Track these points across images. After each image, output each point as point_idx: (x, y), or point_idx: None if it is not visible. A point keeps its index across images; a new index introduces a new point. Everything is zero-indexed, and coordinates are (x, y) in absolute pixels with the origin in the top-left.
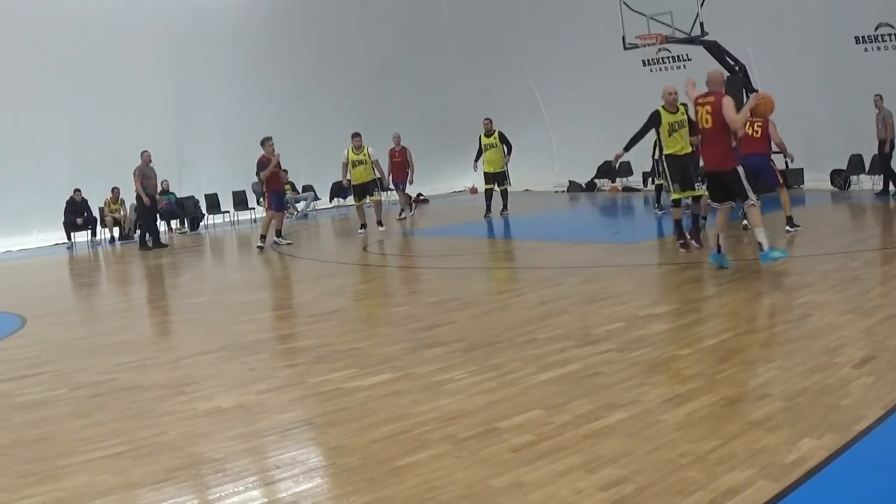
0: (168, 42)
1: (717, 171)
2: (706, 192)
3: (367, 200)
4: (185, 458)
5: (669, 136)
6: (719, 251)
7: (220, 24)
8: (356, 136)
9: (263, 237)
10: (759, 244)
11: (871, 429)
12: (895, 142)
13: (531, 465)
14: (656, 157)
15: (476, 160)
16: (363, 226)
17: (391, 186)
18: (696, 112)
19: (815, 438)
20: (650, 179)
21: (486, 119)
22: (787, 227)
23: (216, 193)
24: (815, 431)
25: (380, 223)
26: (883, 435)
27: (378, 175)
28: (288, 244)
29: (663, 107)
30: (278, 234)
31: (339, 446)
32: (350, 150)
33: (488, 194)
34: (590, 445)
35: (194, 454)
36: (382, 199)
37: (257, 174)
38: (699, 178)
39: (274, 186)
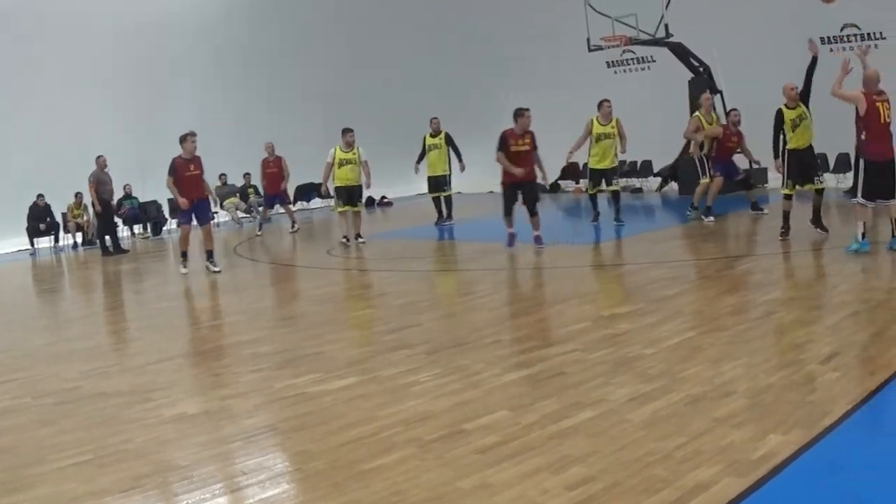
0: (132, 46)
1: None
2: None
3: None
4: (152, 465)
5: (793, 130)
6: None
7: (183, 27)
8: (348, 131)
9: (184, 255)
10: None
11: (837, 424)
12: None
13: (497, 466)
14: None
15: (418, 162)
16: (347, 238)
17: (289, 200)
18: (877, 106)
19: (782, 434)
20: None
21: (434, 118)
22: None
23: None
24: (782, 427)
25: (359, 236)
26: (850, 430)
27: (366, 180)
28: (216, 271)
29: (785, 104)
30: (209, 255)
31: (304, 451)
32: (338, 147)
33: (436, 201)
34: (556, 445)
35: (161, 461)
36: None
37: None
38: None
39: (195, 194)
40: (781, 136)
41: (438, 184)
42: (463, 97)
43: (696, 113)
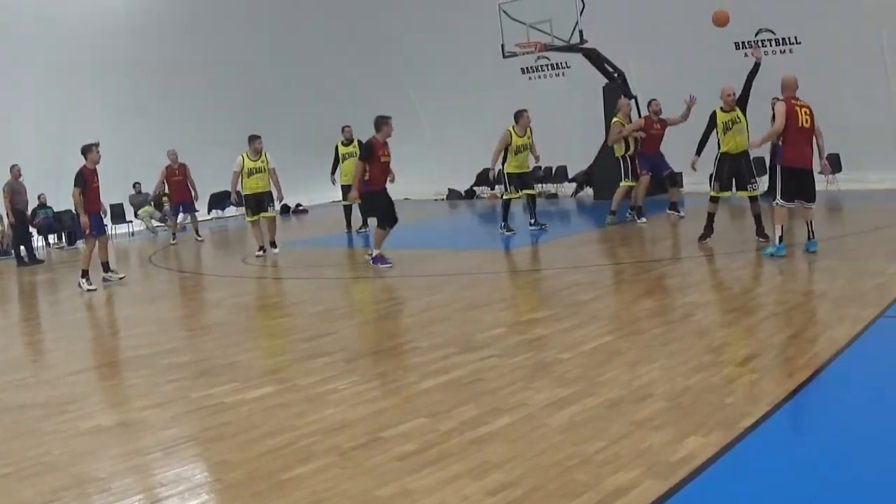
0: (44, 53)
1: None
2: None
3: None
4: (70, 478)
5: (725, 133)
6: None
7: (95, 33)
8: (255, 138)
9: (85, 273)
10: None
11: (757, 425)
12: None
13: (417, 473)
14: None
15: (333, 172)
16: (262, 248)
17: (196, 209)
18: (795, 110)
19: (701, 436)
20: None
21: (347, 126)
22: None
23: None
24: (701, 429)
25: (273, 244)
26: (769, 431)
27: (275, 187)
28: (120, 278)
29: (721, 107)
30: (105, 266)
31: (223, 461)
32: (246, 155)
33: (348, 210)
34: (475, 451)
35: (79, 474)
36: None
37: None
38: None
39: (94, 206)
40: (714, 138)
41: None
42: (376, 104)
43: (616, 118)
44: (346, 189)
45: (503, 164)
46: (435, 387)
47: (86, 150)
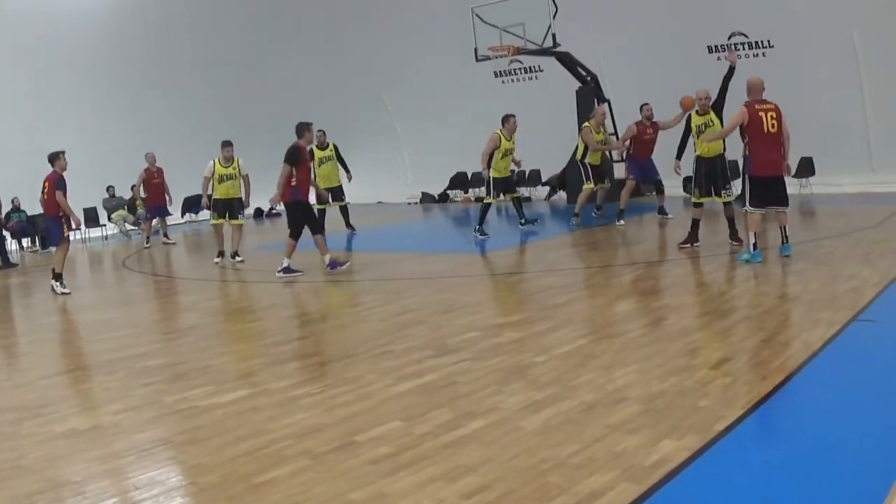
0: (21, 56)
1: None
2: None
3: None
4: (45, 481)
5: (697, 137)
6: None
7: (71, 37)
8: (227, 145)
9: (59, 276)
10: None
11: (731, 428)
12: None
13: (391, 476)
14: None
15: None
16: (220, 253)
17: (170, 213)
18: (759, 116)
19: (676, 440)
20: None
21: (320, 130)
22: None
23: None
24: (675, 433)
25: (236, 254)
26: (743, 434)
27: (244, 193)
28: (64, 293)
29: (696, 111)
30: (56, 275)
31: (197, 465)
32: (217, 161)
33: (322, 213)
34: (450, 455)
35: (53, 478)
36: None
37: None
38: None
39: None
40: (688, 142)
41: (335, 195)
42: (349, 108)
43: (587, 124)
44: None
45: (488, 168)
46: (409, 390)
47: (54, 158)
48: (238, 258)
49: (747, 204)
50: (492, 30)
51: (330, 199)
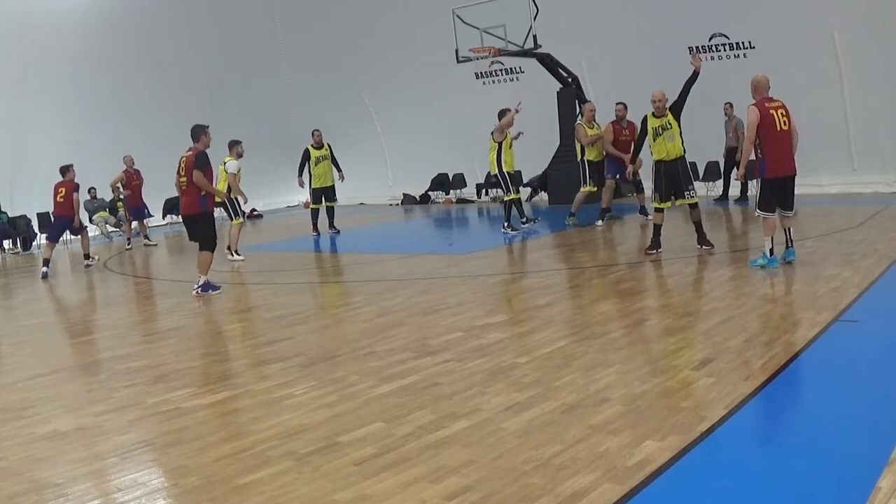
0: (3, 55)
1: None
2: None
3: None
4: (27, 483)
5: (654, 139)
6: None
7: (53, 40)
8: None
9: (46, 262)
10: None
11: (713, 429)
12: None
13: (374, 477)
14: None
15: (300, 174)
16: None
17: (150, 214)
18: (770, 114)
19: (658, 440)
20: (484, 191)
21: (316, 130)
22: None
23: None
24: (658, 433)
25: (235, 251)
26: (726, 435)
27: (234, 194)
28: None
29: (652, 112)
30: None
31: (180, 466)
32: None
33: (316, 212)
34: (432, 455)
35: (35, 479)
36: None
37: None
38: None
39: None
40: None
41: (328, 194)
42: (330, 109)
43: (578, 121)
44: (319, 192)
45: (499, 165)
46: (392, 391)
47: (66, 170)
48: (238, 256)
49: (759, 208)
50: (473, 31)
51: (323, 199)
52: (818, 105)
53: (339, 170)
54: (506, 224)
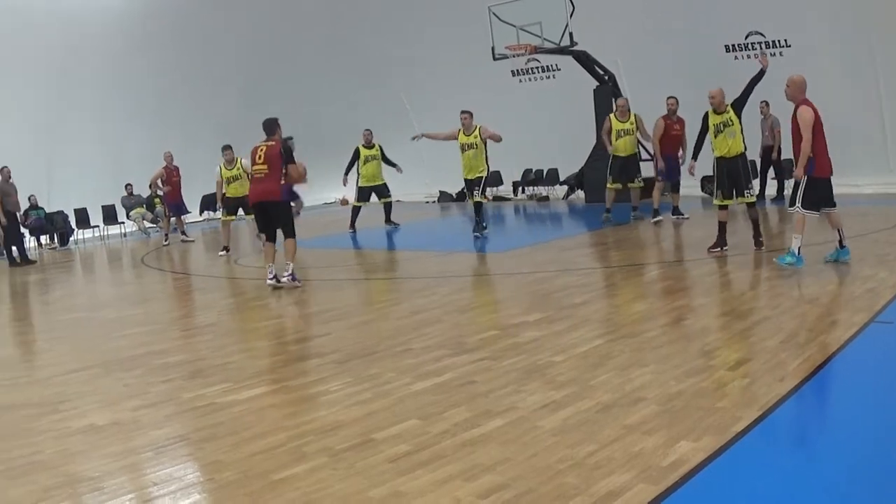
0: (38, 53)
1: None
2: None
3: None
4: (62, 477)
5: (715, 137)
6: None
7: (92, 37)
8: (227, 149)
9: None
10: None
11: (748, 430)
12: (782, 148)
13: (409, 474)
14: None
15: (347, 173)
16: (226, 248)
17: (188, 210)
18: (818, 115)
19: (693, 441)
20: (520, 188)
21: (367, 130)
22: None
23: (85, 208)
24: (693, 434)
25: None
26: (760, 436)
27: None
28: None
29: (713, 109)
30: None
31: (216, 461)
32: (222, 166)
33: (357, 210)
34: (467, 453)
35: (71, 473)
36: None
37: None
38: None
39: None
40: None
41: (380, 192)
42: (368, 108)
43: (610, 114)
44: (367, 190)
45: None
46: (427, 389)
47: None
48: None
49: (801, 205)
50: (509, 28)
51: (377, 197)
52: (854, 104)
53: (393, 165)
54: (484, 226)
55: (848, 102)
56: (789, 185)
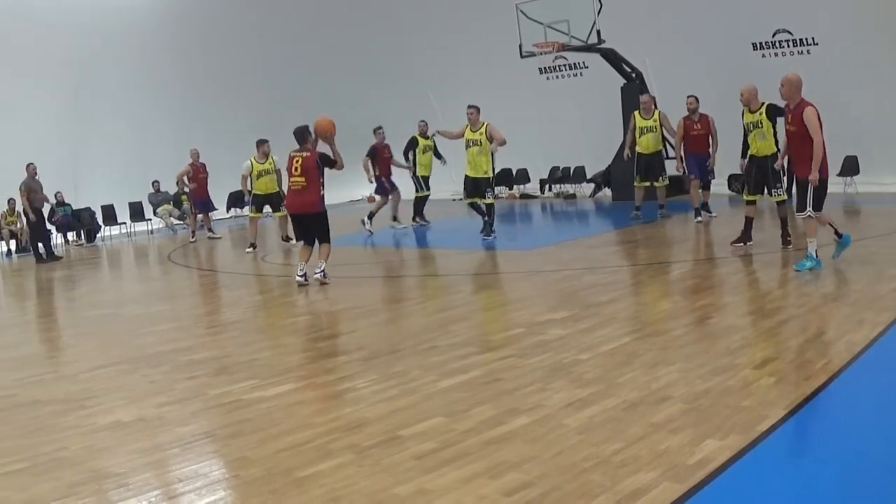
0: (64, 51)
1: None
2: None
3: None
4: (87, 473)
5: (747, 135)
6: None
7: (117, 31)
8: (264, 143)
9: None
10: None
11: (774, 428)
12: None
13: (435, 472)
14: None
15: (407, 159)
16: (253, 245)
17: (215, 207)
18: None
19: (719, 439)
20: (548, 186)
21: (422, 121)
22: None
23: (112, 205)
24: (718, 432)
25: (288, 238)
26: (786, 435)
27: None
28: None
29: (748, 107)
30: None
31: (241, 458)
32: (254, 159)
33: (423, 201)
34: (493, 451)
35: (96, 469)
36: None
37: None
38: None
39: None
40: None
41: (427, 184)
42: (395, 105)
43: (635, 112)
44: (423, 179)
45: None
46: (453, 386)
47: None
48: (291, 241)
49: (815, 208)
50: (536, 26)
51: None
52: (881, 101)
53: (440, 157)
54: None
55: (874, 101)
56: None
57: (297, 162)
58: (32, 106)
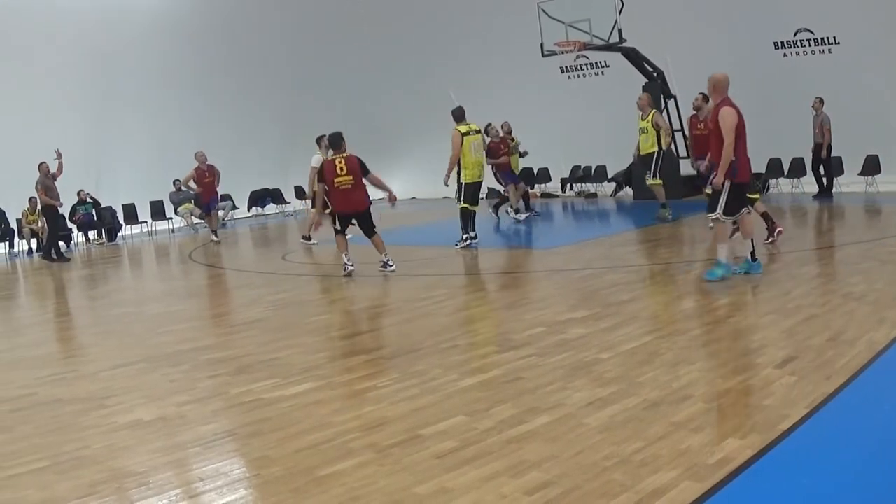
0: (88, 50)
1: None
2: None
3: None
4: (108, 471)
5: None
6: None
7: (140, 34)
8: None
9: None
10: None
11: (795, 427)
12: (832, 146)
13: (455, 471)
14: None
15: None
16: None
17: (219, 204)
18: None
19: (739, 438)
20: (569, 185)
21: (505, 122)
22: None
23: (133, 204)
24: (739, 432)
25: (308, 237)
26: (807, 434)
27: (308, 189)
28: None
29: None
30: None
31: (262, 457)
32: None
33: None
34: (514, 450)
35: (117, 468)
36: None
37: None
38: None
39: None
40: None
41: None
42: (416, 105)
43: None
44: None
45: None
46: (474, 385)
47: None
48: (312, 241)
49: (724, 212)
50: (558, 25)
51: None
52: None
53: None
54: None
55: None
56: (838, 182)
57: (339, 163)
58: (54, 106)
